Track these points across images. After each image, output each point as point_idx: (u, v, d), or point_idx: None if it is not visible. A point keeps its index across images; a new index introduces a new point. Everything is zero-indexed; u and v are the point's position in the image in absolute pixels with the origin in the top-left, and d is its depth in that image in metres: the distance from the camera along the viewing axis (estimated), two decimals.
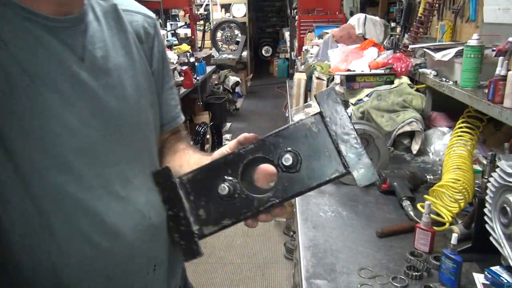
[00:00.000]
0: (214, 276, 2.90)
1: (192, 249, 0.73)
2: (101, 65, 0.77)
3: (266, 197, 0.70)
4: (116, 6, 0.85)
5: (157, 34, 0.93)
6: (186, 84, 3.91)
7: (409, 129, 1.88)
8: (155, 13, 0.99)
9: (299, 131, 0.70)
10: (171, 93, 0.99)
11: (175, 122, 1.00)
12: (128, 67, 0.83)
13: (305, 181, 0.69)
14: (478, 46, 1.52)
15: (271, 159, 0.71)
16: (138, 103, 0.84)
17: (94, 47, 0.77)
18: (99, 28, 0.79)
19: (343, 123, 0.68)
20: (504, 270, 0.96)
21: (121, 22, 0.84)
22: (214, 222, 0.73)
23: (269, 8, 12.02)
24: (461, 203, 1.29)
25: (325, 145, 0.69)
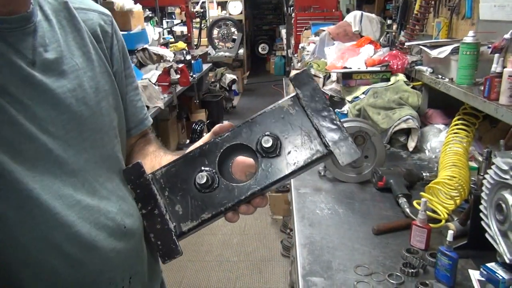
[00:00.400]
0: (211, 274, 2.90)
1: (170, 248, 0.67)
2: (55, 68, 0.72)
3: (247, 185, 0.67)
4: (67, 4, 0.78)
5: (115, 32, 0.87)
6: (182, 82, 3.90)
7: (405, 126, 1.88)
8: (151, 11, 0.96)
9: (276, 115, 0.69)
10: (136, 94, 0.93)
11: (143, 125, 0.95)
12: (86, 68, 0.77)
13: (286, 165, 0.66)
14: (474, 43, 1.52)
15: (249, 145, 0.68)
16: (99, 106, 0.79)
17: (45, 49, 0.71)
18: (49, 28, 0.73)
19: (320, 103, 0.68)
20: (500, 266, 0.97)
21: (75, 21, 0.78)
22: (193, 217, 0.68)
23: (265, 5, 12.00)
24: (457, 200, 1.29)
25: (304, 126, 0.67)
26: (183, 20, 6.74)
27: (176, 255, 0.67)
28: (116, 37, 0.87)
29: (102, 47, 0.83)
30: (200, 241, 3.26)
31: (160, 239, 0.67)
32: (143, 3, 4.46)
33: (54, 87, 0.71)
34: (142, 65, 3.98)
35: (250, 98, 8.00)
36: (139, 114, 0.94)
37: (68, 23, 0.77)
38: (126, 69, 0.90)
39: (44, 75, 0.70)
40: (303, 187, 1.58)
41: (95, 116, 0.77)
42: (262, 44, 11.11)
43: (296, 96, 0.69)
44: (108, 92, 0.82)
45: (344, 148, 0.65)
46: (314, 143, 0.66)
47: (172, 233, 0.67)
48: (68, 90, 0.73)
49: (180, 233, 0.68)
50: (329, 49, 2.85)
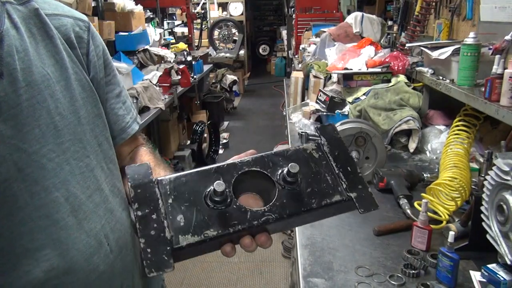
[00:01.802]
0: (211, 275, 2.90)
1: (161, 259, 0.56)
2: (23, 78, 0.67)
3: (260, 211, 0.62)
4: (38, 11, 0.74)
5: (93, 38, 0.83)
6: (183, 83, 3.90)
7: (406, 127, 1.88)
8: (152, 12, 0.94)
9: (299, 154, 0.68)
10: (118, 102, 0.88)
11: (125, 133, 0.90)
12: (59, 77, 0.73)
13: (305, 201, 0.64)
14: (475, 45, 1.52)
15: (269, 174, 0.65)
16: (77, 115, 0.75)
17: (13, 59, 0.66)
18: (18, 36, 0.69)
19: (343, 153, 0.69)
20: (501, 267, 0.96)
21: (46, 28, 0.74)
22: (195, 231, 0.59)
23: (266, 6, 12.01)
24: (458, 201, 1.29)
25: (326, 170, 0.67)
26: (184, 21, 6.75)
27: (166, 268, 0.56)
28: (94, 43, 0.83)
29: (77, 53, 0.79)
30: None
31: (151, 246, 0.57)
32: (144, 4, 4.47)
33: (22, 100, 0.67)
34: (143, 66, 3.98)
35: (251, 99, 8.00)
36: (121, 123, 0.89)
37: (38, 31, 0.73)
38: (107, 75, 0.86)
39: (11, 87, 0.66)
40: None
41: (72, 125, 0.73)
42: (263, 45, 11.11)
43: (321, 143, 0.70)
44: (86, 100, 0.78)
45: (364, 197, 0.65)
46: (334, 188, 0.66)
47: (167, 243, 0.58)
48: (38, 101, 0.69)
49: (176, 246, 0.58)
50: (329, 50, 2.85)
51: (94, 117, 0.79)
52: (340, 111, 2.10)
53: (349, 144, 1.59)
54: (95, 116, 0.79)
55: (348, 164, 0.68)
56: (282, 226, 0.67)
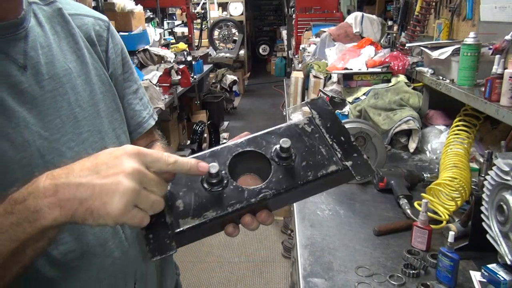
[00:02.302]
0: (211, 275, 2.90)
1: (163, 242, 0.58)
2: (46, 71, 0.73)
3: (257, 189, 0.62)
4: (61, 11, 0.80)
5: (112, 36, 0.89)
6: (183, 83, 3.90)
7: (406, 127, 1.88)
8: (152, 12, 0.96)
9: (292, 130, 0.69)
10: (135, 98, 0.93)
11: (142, 128, 0.94)
12: (80, 71, 0.78)
13: (301, 174, 0.64)
14: (475, 45, 1.52)
15: (262, 153, 0.66)
16: (97, 108, 0.79)
17: (37, 53, 0.72)
18: (42, 33, 0.75)
19: (335, 125, 0.69)
20: (501, 267, 0.97)
21: (68, 26, 0.80)
22: (194, 214, 0.60)
23: (266, 6, 12.01)
24: (458, 201, 1.29)
25: (320, 143, 0.67)
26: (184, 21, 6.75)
27: (169, 251, 0.57)
28: (113, 41, 0.89)
29: (97, 50, 0.85)
30: (200, 242, 3.24)
31: (152, 232, 0.58)
32: (144, 4, 4.47)
33: (44, 91, 0.72)
34: (143, 66, 3.99)
35: (251, 99, 8.00)
36: (138, 118, 0.94)
37: (62, 29, 0.79)
38: (125, 72, 0.91)
39: (35, 79, 0.71)
40: None
41: (91, 118, 0.78)
42: (263, 45, 11.11)
43: (312, 116, 0.70)
44: (105, 95, 0.83)
45: (359, 165, 0.64)
46: (329, 159, 0.65)
47: (168, 227, 0.59)
48: (59, 93, 0.74)
49: (177, 230, 0.59)
50: (330, 50, 2.85)
51: (112, 111, 0.84)
52: (340, 111, 2.10)
53: None
54: (113, 110, 0.84)
55: (341, 134, 0.67)
56: (281, 201, 0.66)
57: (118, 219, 0.52)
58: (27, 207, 0.53)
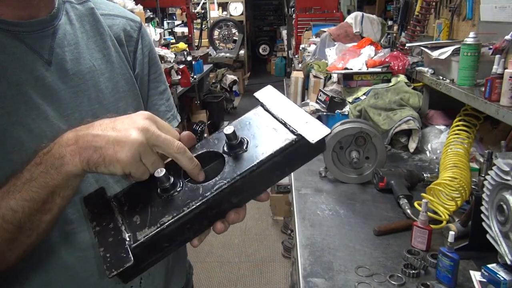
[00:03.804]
0: (212, 275, 2.90)
1: (120, 257, 0.56)
2: (70, 68, 0.76)
3: (212, 182, 0.60)
4: (93, 10, 0.84)
5: (142, 38, 0.91)
6: (183, 83, 3.90)
7: (406, 127, 1.88)
8: (152, 12, 0.97)
9: (242, 123, 0.67)
10: (160, 98, 0.96)
11: None
12: (104, 69, 0.81)
13: (255, 156, 0.61)
14: (475, 44, 1.52)
15: (215, 150, 0.64)
16: (116, 106, 0.82)
17: (63, 50, 0.76)
18: (72, 31, 0.78)
19: (285, 104, 0.66)
20: (501, 267, 0.96)
21: (98, 26, 0.83)
22: (151, 223, 0.59)
23: (266, 6, 12.01)
24: (458, 201, 1.29)
25: (271, 124, 0.64)
26: (184, 21, 6.75)
27: (126, 263, 0.55)
28: (142, 43, 0.91)
29: (125, 50, 0.87)
30: None
31: (110, 251, 0.57)
32: (144, 4, 4.47)
33: (66, 86, 0.75)
34: None
35: (251, 99, 7.95)
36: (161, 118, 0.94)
37: (91, 28, 0.82)
38: (153, 73, 0.93)
39: (58, 75, 0.74)
40: (304, 188, 1.58)
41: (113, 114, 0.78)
42: (263, 45, 11.12)
43: (260, 104, 0.68)
44: (127, 93, 0.85)
45: (312, 128, 0.60)
46: (282, 134, 0.62)
47: (125, 242, 0.57)
48: (81, 89, 0.77)
49: (135, 242, 0.57)
50: (330, 50, 2.85)
51: (132, 110, 0.84)
52: (340, 111, 2.10)
53: (349, 144, 1.59)
54: (133, 109, 0.84)
55: (293, 112, 0.64)
56: (244, 191, 0.62)
57: (125, 167, 0.58)
58: (53, 155, 0.60)
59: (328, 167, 1.62)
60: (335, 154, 1.60)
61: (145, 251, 0.58)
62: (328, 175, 1.65)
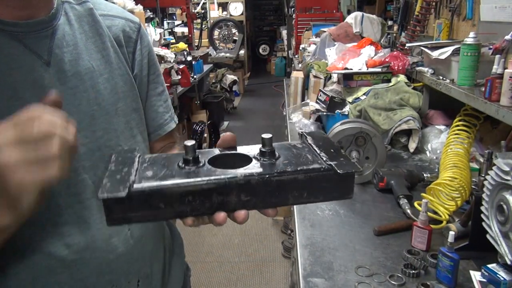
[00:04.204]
0: (211, 275, 2.90)
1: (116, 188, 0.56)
2: (69, 69, 0.75)
3: (230, 172, 0.61)
4: (92, 11, 0.83)
5: (141, 38, 0.91)
6: (183, 83, 3.90)
7: (406, 127, 1.88)
8: (152, 12, 0.98)
9: (282, 145, 0.70)
10: (159, 100, 0.95)
11: (162, 130, 0.96)
12: (103, 70, 0.81)
13: (280, 167, 0.62)
14: (475, 44, 1.52)
15: (247, 154, 0.66)
16: (115, 107, 0.81)
17: (62, 51, 0.75)
18: (70, 32, 0.78)
19: (327, 142, 0.70)
20: (501, 267, 0.96)
21: (97, 26, 0.83)
22: (157, 180, 0.59)
23: (266, 6, 12.01)
24: (458, 201, 1.29)
25: (307, 152, 0.68)
26: (184, 21, 6.75)
27: (118, 193, 0.55)
28: (141, 44, 0.90)
29: (124, 51, 0.87)
30: (200, 242, 3.26)
31: (111, 182, 0.58)
32: (144, 4, 4.46)
33: (65, 88, 0.74)
34: None
35: (251, 99, 8.00)
36: (160, 119, 0.95)
37: (90, 28, 0.81)
38: (151, 74, 0.93)
39: (57, 76, 0.74)
40: None
41: (109, 116, 0.80)
42: (263, 45, 11.12)
43: (304, 136, 0.73)
44: (126, 94, 0.85)
45: (343, 162, 0.63)
46: (313, 160, 0.64)
47: (128, 182, 0.58)
48: (80, 91, 0.76)
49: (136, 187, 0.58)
50: (330, 50, 2.85)
51: (131, 111, 0.86)
52: (340, 111, 2.10)
53: (349, 144, 1.59)
54: (132, 110, 0.86)
55: (331, 147, 0.67)
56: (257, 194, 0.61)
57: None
58: None
59: None
60: None
61: (141, 199, 0.58)
62: None
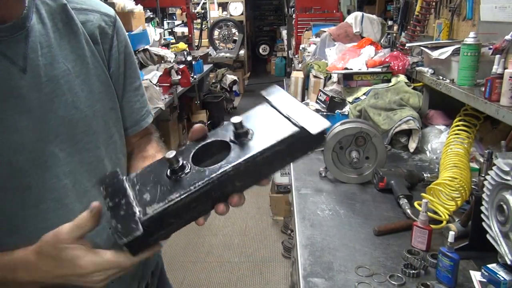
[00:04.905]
0: (212, 275, 2.90)
1: (130, 227, 0.61)
2: (45, 73, 0.72)
3: (218, 166, 0.64)
4: (66, 6, 0.78)
5: (117, 33, 0.87)
6: (183, 83, 3.90)
7: (406, 127, 1.88)
8: (152, 12, 0.97)
9: (249, 117, 0.72)
10: (136, 95, 0.93)
11: (139, 125, 0.94)
12: (79, 71, 0.78)
13: (259, 144, 0.65)
14: (475, 44, 1.52)
15: (222, 139, 0.69)
16: (93, 109, 0.79)
17: (37, 55, 0.71)
18: (44, 32, 0.73)
19: (290, 103, 0.71)
20: (501, 267, 0.96)
21: (71, 24, 0.78)
22: (159, 200, 0.64)
23: (266, 6, 11.99)
24: (458, 201, 1.29)
25: (275, 117, 0.69)
26: (184, 21, 6.75)
27: (135, 232, 0.60)
28: (118, 38, 0.87)
29: (100, 49, 0.83)
30: (201, 242, 3.26)
31: (121, 222, 0.62)
32: (144, 4, 4.46)
33: (41, 94, 0.72)
34: (143, 65, 3.98)
35: (251, 99, 8.00)
36: (136, 115, 0.93)
37: (64, 26, 0.77)
38: (128, 69, 0.90)
39: (33, 82, 0.71)
40: (304, 188, 1.58)
41: (87, 119, 0.78)
42: (263, 45, 11.10)
43: (266, 101, 0.73)
44: (102, 94, 0.82)
45: (313, 121, 0.65)
46: (285, 126, 0.67)
47: (135, 215, 0.62)
48: (57, 95, 0.74)
49: (145, 216, 0.62)
50: (330, 50, 2.85)
51: (108, 110, 0.84)
52: (340, 111, 2.10)
53: (349, 144, 1.59)
54: (109, 109, 0.84)
55: (293, 105, 0.69)
56: (247, 176, 0.66)
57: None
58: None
59: (328, 167, 1.62)
60: (335, 154, 1.60)
61: (153, 225, 0.62)
62: (328, 175, 1.65)
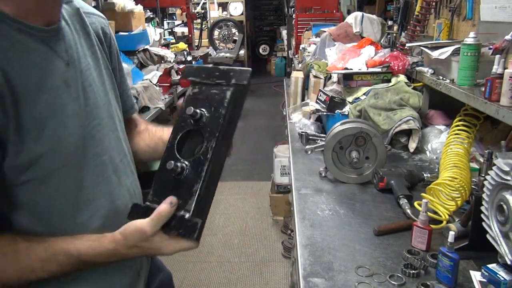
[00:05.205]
0: (211, 275, 2.90)
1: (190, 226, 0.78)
2: (79, 67, 0.85)
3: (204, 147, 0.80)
4: (79, 10, 0.91)
5: (111, 32, 1.02)
6: (183, 83, 3.90)
7: (406, 127, 1.88)
8: (152, 12, 1.08)
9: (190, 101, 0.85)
10: (126, 84, 1.09)
11: (133, 109, 1.13)
12: (95, 66, 0.91)
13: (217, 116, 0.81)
14: (475, 44, 1.52)
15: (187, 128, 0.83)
16: (107, 97, 0.93)
17: (72, 51, 0.84)
18: (69, 32, 0.86)
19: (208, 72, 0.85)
20: (501, 267, 0.96)
21: (84, 25, 0.91)
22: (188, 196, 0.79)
23: (266, 6, 12.00)
24: (458, 201, 1.29)
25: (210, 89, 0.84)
26: (184, 21, 6.76)
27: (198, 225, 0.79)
28: (112, 38, 1.01)
29: (104, 47, 0.97)
30: (201, 242, 3.25)
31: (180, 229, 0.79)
32: (144, 4, 4.46)
33: (80, 83, 0.84)
34: (143, 65, 3.98)
35: (251, 99, 7.99)
36: (130, 101, 1.11)
37: (80, 27, 0.90)
38: (119, 63, 1.05)
39: (75, 74, 0.83)
40: (304, 188, 1.58)
41: (107, 104, 0.92)
42: (263, 45, 11.11)
43: (192, 82, 0.87)
44: (111, 87, 0.96)
45: (237, 74, 0.82)
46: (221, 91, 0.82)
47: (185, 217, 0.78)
48: (89, 84, 0.87)
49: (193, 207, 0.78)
50: (330, 50, 2.85)
51: (116, 98, 0.98)
52: (340, 111, 2.10)
53: (349, 144, 1.59)
54: (116, 97, 0.98)
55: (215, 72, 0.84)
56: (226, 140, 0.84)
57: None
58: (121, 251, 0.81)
59: (328, 167, 1.62)
60: (335, 154, 1.60)
61: (198, 212, 0.79)
62: (328, 175, 1.65)
